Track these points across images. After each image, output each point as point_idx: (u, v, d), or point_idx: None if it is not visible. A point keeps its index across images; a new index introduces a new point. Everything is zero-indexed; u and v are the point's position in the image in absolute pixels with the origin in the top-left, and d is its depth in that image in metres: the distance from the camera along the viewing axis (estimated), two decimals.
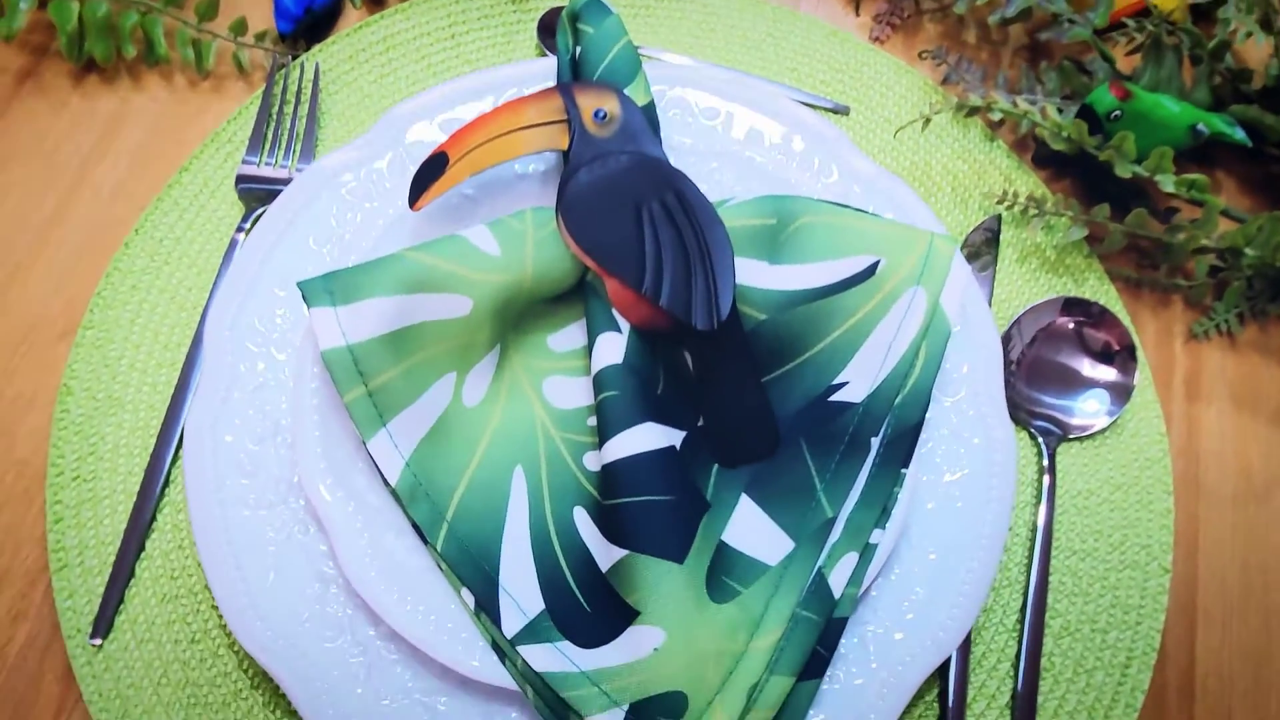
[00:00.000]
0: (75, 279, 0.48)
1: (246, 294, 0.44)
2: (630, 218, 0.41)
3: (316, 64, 0.51)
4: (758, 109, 0.49)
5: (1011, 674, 0.42)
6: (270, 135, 0.50)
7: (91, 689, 0.40)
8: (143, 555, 0.43)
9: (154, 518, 0.43)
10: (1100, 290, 0.50)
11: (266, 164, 0.50)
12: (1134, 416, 0.47)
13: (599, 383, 0.40)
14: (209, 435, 0.41)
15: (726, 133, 0.48)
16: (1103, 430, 0.47)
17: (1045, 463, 0.45)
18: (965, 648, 0.42)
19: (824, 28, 0.56)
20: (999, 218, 0.51)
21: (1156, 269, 0.50)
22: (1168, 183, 0.46)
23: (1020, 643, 0.43)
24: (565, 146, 0.42)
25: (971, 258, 0.50)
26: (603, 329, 0.41)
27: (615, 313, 0.42)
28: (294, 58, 0.52)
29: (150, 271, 0.48)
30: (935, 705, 0.42)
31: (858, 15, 0.57)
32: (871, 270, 0.42)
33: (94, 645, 0.41)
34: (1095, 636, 0.43)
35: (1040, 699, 0.42)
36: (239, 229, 0.48)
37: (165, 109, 0.52)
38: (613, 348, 0.41)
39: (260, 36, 0.52)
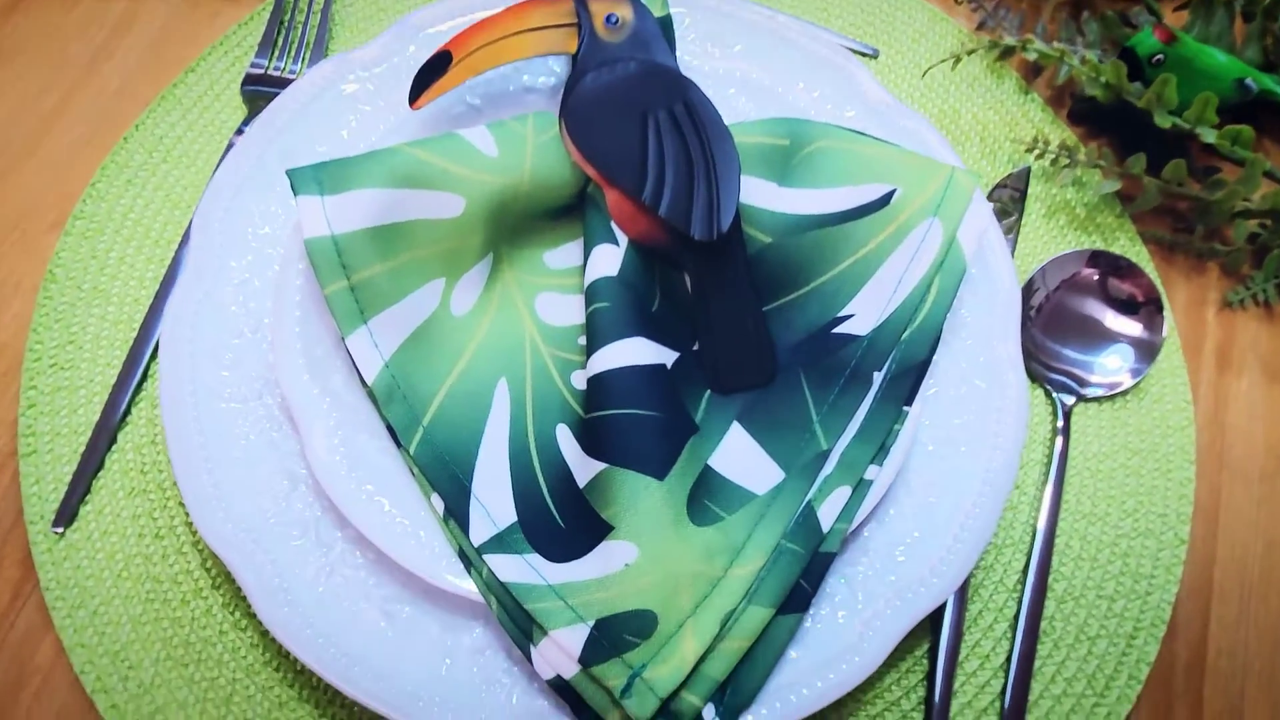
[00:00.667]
0: (72, 172, 0.47)
1: (240, 187, 0.43)
2: (635, 126, 0.39)
3: None
4: (780, 40, 0.47)
5: (1009, 635, 0.40)
6: (281, 39, 0.49)
7: (50, 576, 0.39)
8: (114, 447, 0.42)
9: (129, 411, 0.42)
10: (1131, 251, 0.48)
11: (275, 68, 0.49)
12: (1158, 382, 0.45)
13: (591, 293, 0.39)
14: (189, 325, 0.40)
15: (745, 60, 0.47)
16: (1124, 392, 0.44)
17: (1060, 423, 0.43)
18: (961, 603, 0.40)
19: None
20: (1027, 175, 0.49)
21: (1192, 232, 0.48)
22: (1209, 134, 0.43)
23: (1020, 603, 0.40)
24: (574, 50, 0.41)
25: (999, 210, 0.48)
26: (600, 241, 0.40)
27: (614, 226, 0.40)
28: None
29: (147, 168, 0.47)
30: (924, 661, 0.39)
31: None
32: (886, 199, 0.40)
33: (56, 533, 0.40)
34: (1101, 604, 0.41)
35: (1038, 663, 0.40)
36: (238, 131, 0.47)
37: (178, 10, 0.52)
38: (608, 259, 0.39)
39: None
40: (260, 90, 0.48)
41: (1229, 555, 0.42)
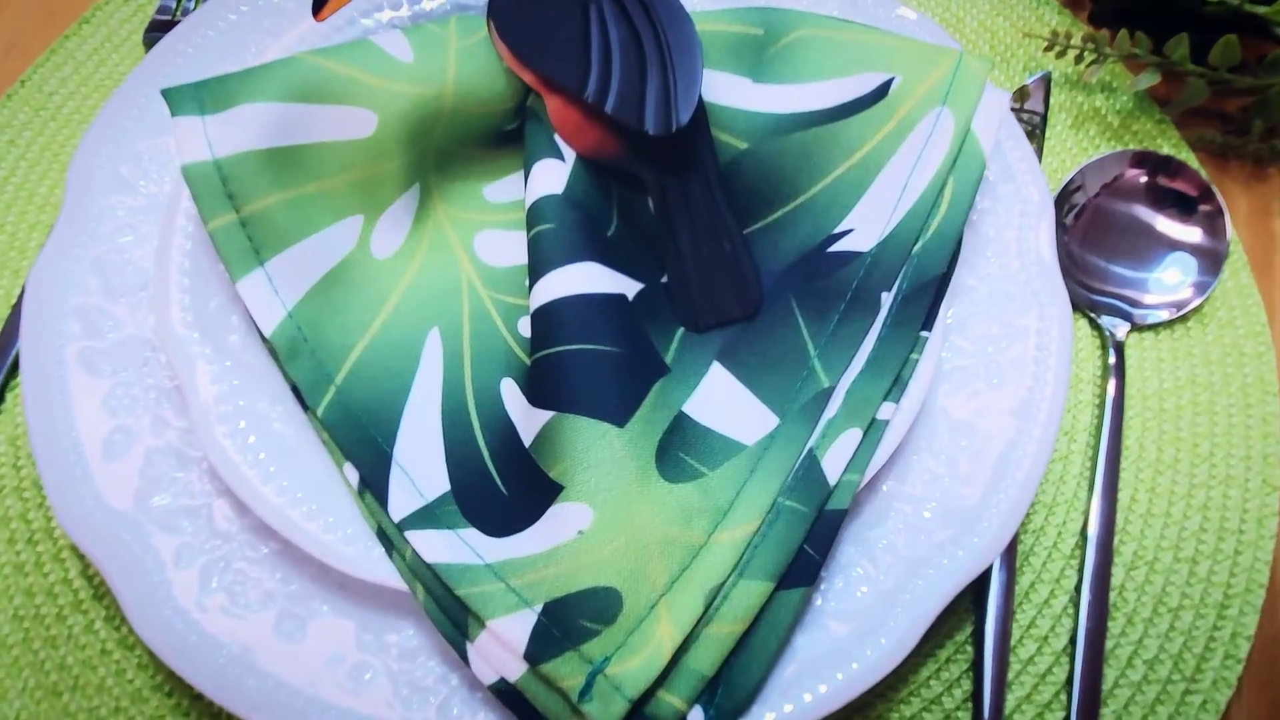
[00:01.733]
0: None
1: (125, 126, 0.36)
2: (575, 17, 0.33)
3: None
4: None
5: (1070, 611, 0.33)
6: None
7: None
8: None
9: (1, 398, 0.36)
10: (1177, 159, 0.41)
11: (183, 12, 0.43)
12: (1224, 303, 0.38)
13: (533, 215, 0.32)
14: (57, 285, 0.34)
15: None
16: (1184, 316, 0.37)
17: (1111, 359, 0.36)
18: (1009, 573, 0.32)
19: None
20: (1048, 81, 0.42)
21: (1247, 132, 0.41)
22: (1261, 9, 0.36)
23: (1082, 572, 0.33)
24: None
25: (1020, 105, 0.41)
26: (541, 156, 0.33)
27: (559, 139, 0.33)
28: None
29: (32, 128, 0.41)
30: (968, 647, 0.32)
31: None
32: (884, 90, 0.34)
33: None
34: (1180, 567, 0.33)
35: (1110, 643, 0.32)
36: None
37: None
38: (552, 176, 0.33)
39: None
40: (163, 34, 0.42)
41: None
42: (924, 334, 0.31)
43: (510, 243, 0.35)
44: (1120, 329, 0.36)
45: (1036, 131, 0.41)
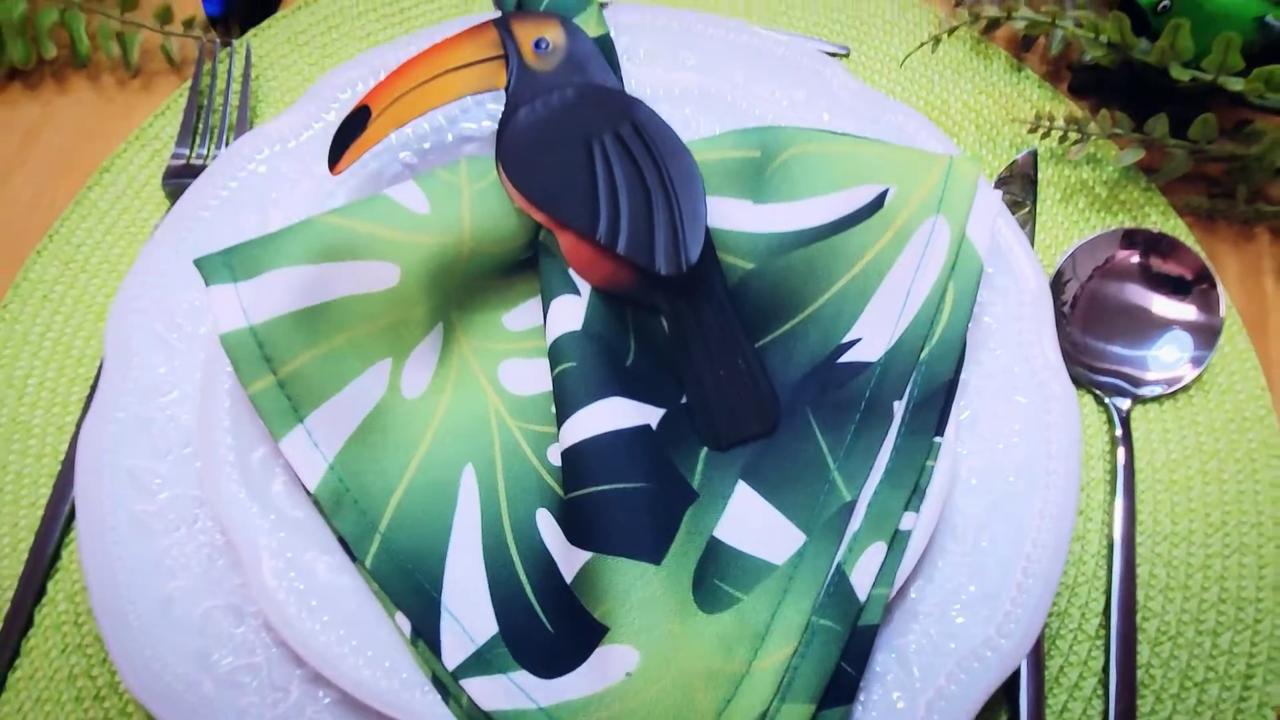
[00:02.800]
0: None
1: (156, 283, 0.38)
2: (580, 157, 0.34)
3: (247, 46, 0.46)
4: (739, 48, 0.43)
5: (1100, 692, 0.34)
6: (200, 124, 0.45)
7: None
8: (43, 599, 0.36)
9: (58, 555, 0.37)
10: (1166, 227, 0.42)
11: (197, 157, 0.45)
12: (1223, 370, 0.39)
13: (555, 354, 0.33)
14: (106, 449, 0.35)
15: (702, 74, 0.42)
16: (1186, 387, 0.38)
17: (1118, 431, 0.37)
18: (1037, 660, 0.33)
19: None
20: (1034, 159, 0.43)
21: (1232, 196, 0.42)
22: (1235, 83, 0.38)
23: (1108, 653, 0.34)
24: (504, 85, 0.36)
25: (1008, 202, 0.43)
26: (558, 292, 0.35)
27: (573, 273, 0.35)
28: (225, 45, 0.48)
29: (64, 280, 0.43)
30: None
31: None
32: (879, 202, 0.35)
33: None
34: (1203, 640, 0.34)
35: None
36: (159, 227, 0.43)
37: (90, 110, 0.48)
38: (570, 312, 0.34)
39: (188, 24, 0.48)
40: (184, 182, 0.44)
41: None
42: (937, 439, 0.33)
43: (533, 370, 0.37)
44: (1124, 404, 0.38)
45: (1028, 207, 0.43)
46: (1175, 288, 0.38)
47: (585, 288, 0.35)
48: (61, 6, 0.47)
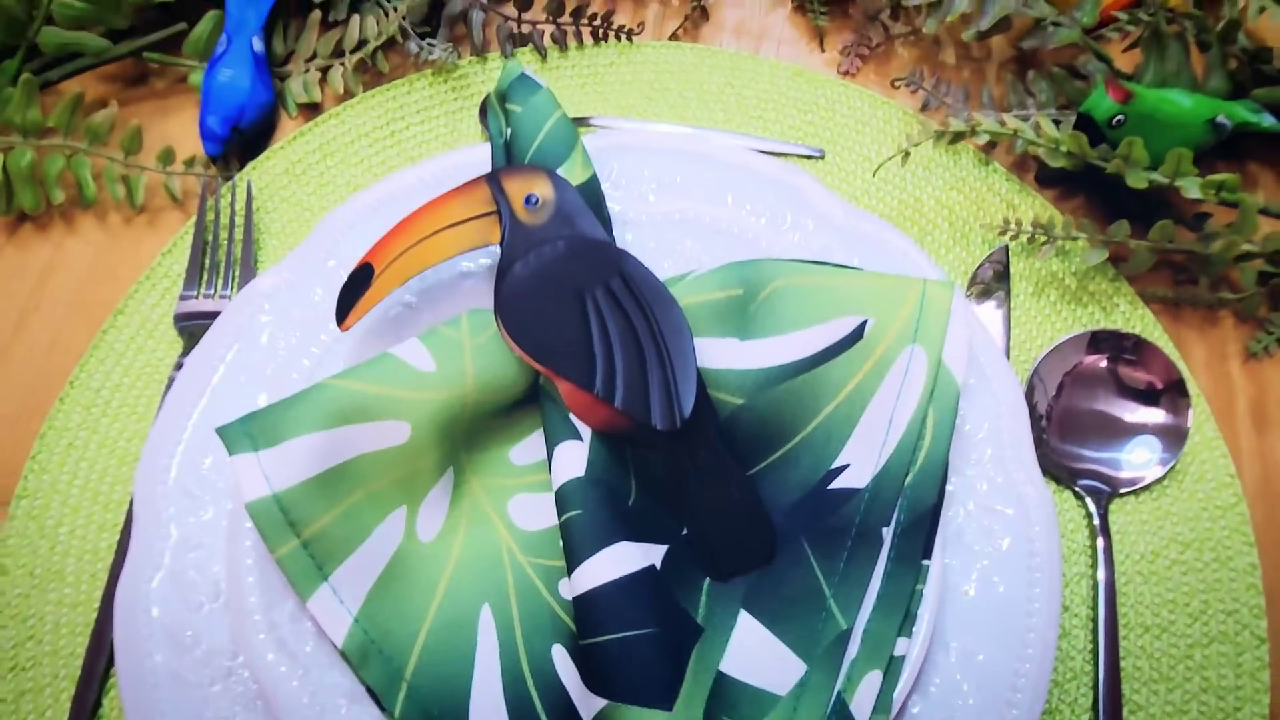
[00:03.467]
0: (10, 444, 0.45)
1: (178, 442, 0.40)
2: (574, 310, 0.36)
3: (248, 183, 0.48)
4: (714, 165, 0.44)
5: None
6: (206, 264, 0.47)
7: None
8: None
9: (99, 703, 0.39)
10: (1133, 316, 0.44)
11: (205, 296, 0.46)
12: (1195, 459, 0.41)
13: (561, 501, 0.35)
14: (140, 607, 0.37)
15: (684, 197, 0.44)
16: (1160, 479, 0.40)
17: (1097, 524, 0.39)
18: None
19: (788, 68, 0.51)
20: (1006, 254, 0.45)
21: (1196, 283, 0.44)
22: (1192, 187, 0.40)
23: None
24: (498, 240, 0.38)
25: (983, 295, 0.45)
26: (560, 438, 0.36)
27: (573, 417, 0.37)
28: (226, 179, 0.49)
29: (87, 427, 0.44)
30: None
31: (823, 50, 0.53)
32: (859, 333, 0.37)
33: None
34: None
35: None
36: (177, 367, 0.45)
37: (100, 250, 0.49)
38: (573, 459, 0.36)
39: (189, 162, 0.49)
40: (195, 322, 0.46)
41: None
42: (925, 563, 0.35)
43: (541, 505, 0.38)
44: (1101, 498, 0.39)
45: (1003, 299, 0.44)
46: (1144, 392, 0.40)
47: (585, 431, 0.36)
48: (67, 153, 0.49)
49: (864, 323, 0.37)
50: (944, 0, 0.48)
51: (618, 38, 0.52)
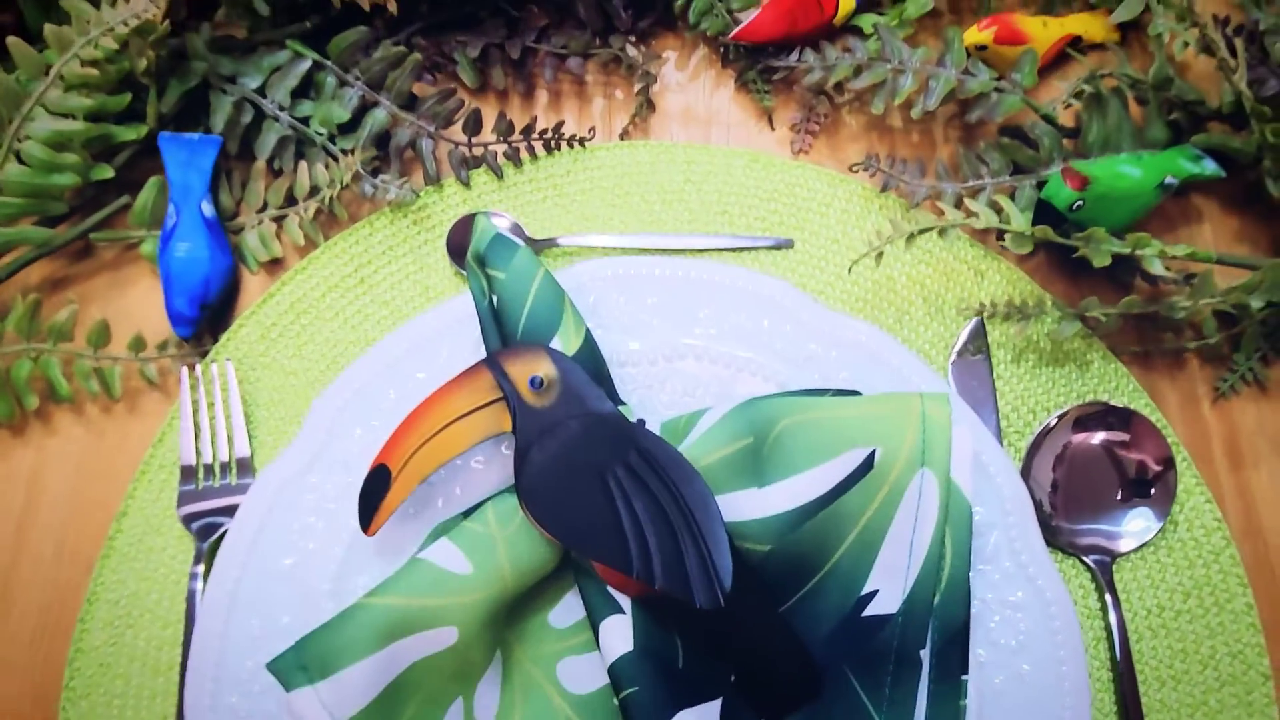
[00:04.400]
0: (41, 667, 0.44)
1: (217, 655, 0.40)
2: (598, 492, 0.37)
3: (229, 365, 0.47)
4: (691, 286, 0.45)
5: None
6: (199, 453, 0.46)
7: None
8: None
9: None
10: (1106, 370, 0.46)
11: (205, 486, 0.46)
12: (1183, 507, 0.43)
13: (615, 678, 0.36)
14: None
15: (668, 327, 0.44)
16: (1156, 537, 0.42)
17: (1106, 591, 0.41)
18: None
19: (742, 155, 0.51)
20: (982, 326, 0.47)
21: (1163, 334, 0.46)
22: (1154, 263, 0.41)
23: None
24: (509, 428, 0.38)
25: (963, 354, 0.46)
26: (603, 614, 0.37)
27: (610, 589, 0.38)
28: (203, 355, 0.48)
29: (114, 643, 0.44)
30: None
31: (773, 129, 0.53)
32: (869, 463, 0.38)
33: None
34: None
35: None
36: (195, 569, 0.44)
37: (85, 447, 0.48)
38: (619, 635, 0.37)
39: (162, 346, 0.48)
40: (201, 522, 0.45)
41: None
42: (964, 678, 0.37)
43: (587, 666, 0.39)
44: (1105, 567, 0.42)
45: (985, 372, 0.46)
46: (1137, 467, 0.42)
47: (624, 600, 0.37)
48: (33, 355, 0.47)
49: (873, 452, 0.38)
50: (888, 81, 0.48)
51: (570, 146, 0.52)
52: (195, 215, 0.49)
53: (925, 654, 0.37)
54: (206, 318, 0.49)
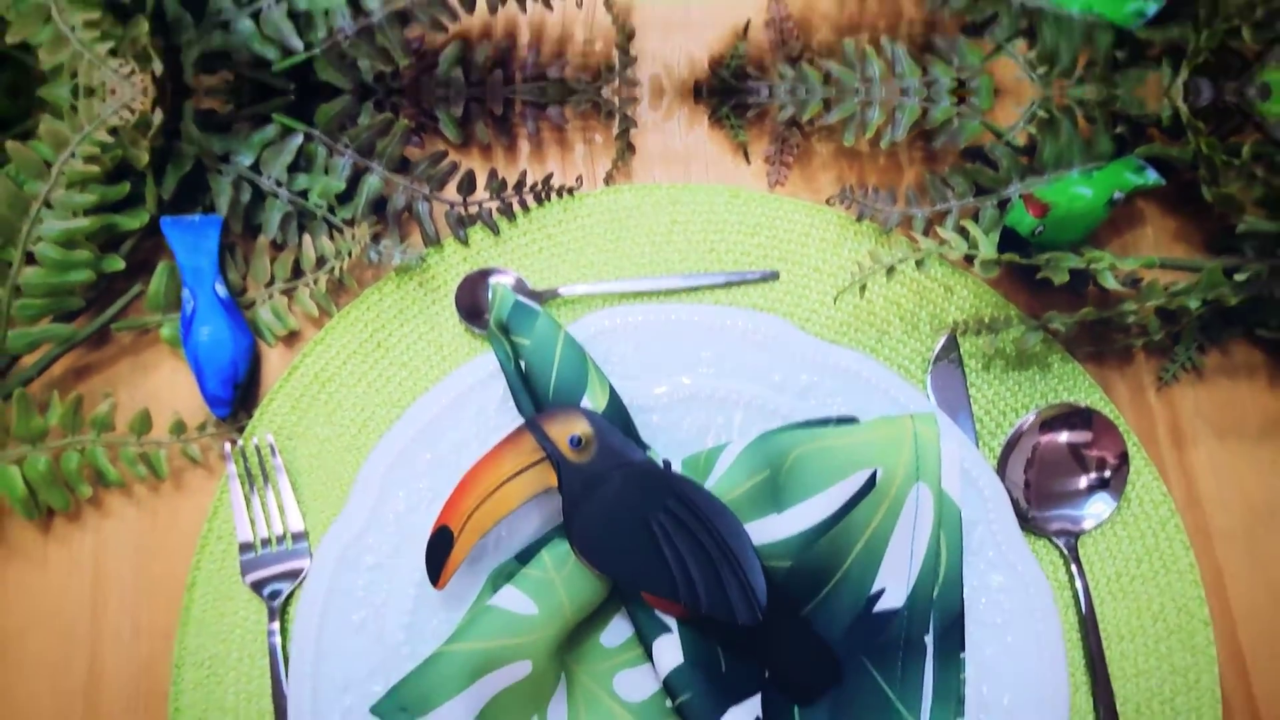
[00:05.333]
0: None
1: (313, 706, 0.52)
2: (644, 537, 0.49)
3: (269, 440, 0.58)
4: (692, 330, 0.57)
5: None
6: (254, 524, 0.57)
7: None
8: None
9: None
10: (1065, 370, 0.59)
11: (264, 553, 0.57)
12: (1135, 486, 0.57)
13: (671, 687, 0.50)
14: None
15: (678, 371, 0.56)
16: (1113, 515, 0.57)
17: (1072, 565, 0.55)
18: None
19: (721, 191, 0.63)
20: (954, 339, 0.60)
21: (1114, 334, 0.59)
22: (1107, 278, 0.55)
23: None
24: (555, 484, 0.50)
25: (939, 364, 0.59)
26: (654, 634, 0.50)
27: (658, 613, 0.50)
28: (240, 429, 0.59)
29: (207, 702, 0.56)
30: None
31: (749, 163, 0.65)
32: (872, 482, 0.51)
33: None
34: (1164, 709, 0.54)
35: None
36: (271, 624, 0.56)
37: (140, 527, 0.59)
38: (671, 651, 0.50)
39: (201, 427, 0.59)
40: (271, 586, 0.56)
41: (1245, 613, 0.56)
42: (962, 655, 0.50)
43: (641, 678, 0.53)
44: (1071, 544, 0.56)
45: (960, 381, 0.59)
46: (1096, 461, 0.56)
47: (672, 623, 0.50)
48: (79, 447, 0.58)
49: (874, 473, 0.51)
50: (857, 114, 0.60)
51: (559, 195, 0.63)
52: (211, 297, 0.60)
53: (929, 639, 0.50)
54: (239, 397, 0.59)
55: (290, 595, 0.57)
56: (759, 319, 0.58)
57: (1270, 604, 0.56)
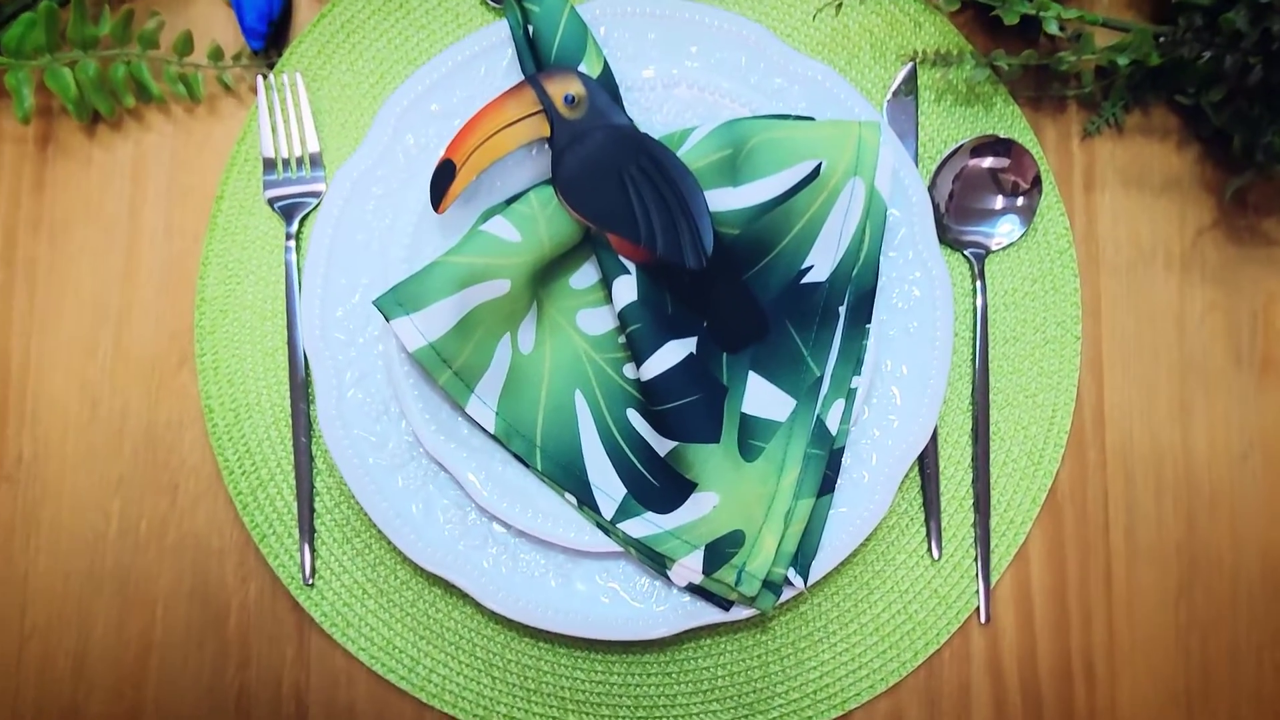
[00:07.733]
0: (170, 314, 0.60)
1: (321, 307, 0.56)
2: (616, 185, 0.52)
3: (298, 78, 0.59)
4: (687, 26, 0.58)
5: (970, 441, 0.59)
6: (278, 150, 0.59)
7: (319, 612, 0.58)
8: (316, 516, 0.58)
9: (313, 488, 0.58)
10: (1006, 111, 0.61)
11: (285, 176, 0.59)
12: (1043, 219, 0.61)
13: (623, 319, 0.54)
14: (339, 425, 0.55)
15: (666, 60, 0.58)
16: (1021, 238, 0.60)
17: (977, 279, 0.59)
18: (934, 444, 0.59)
19: None
20: (914, 71, 0.61)
21: (1053, 82, 0.61)
22: (1051, 25, 0.56)
23: (974, 418, 0.59)
24: (548, 134, 0.52)
25: (897, 94, 0.61)
26: (615, 274, 0.54)
27: (621, 258, 0.54)
28: (270, 66, 0.60)
29: (229, 295, 0.59)
30: (918, 478, 0.59)
31: None
32: (816, 172, 0.54)
33: (309, 585, 0.58)
34: (1027, 401, 0.60)
35: (992, 455, 0.59)
36: (288, 239, 0.59)
37: (175, 142, 0.61)
38: (627, 288, 0.54)
39: (237, 57, 0.60)
40: (284, 203, 0.59)
41: (1111, 334, 0.61)
42: (867, 326, 0.55)
43: (600, 316, 0.57)
44: (980, 258, 0.60)
45: (912, 108, 0.61)
46: (1011, 185, 0.58)
47: (632, 267, 0.54)
48: (126, 59, 0.59)
49: (819, 164, 0.54)
50: None
51: None
52: None
53: (842, 309, 0.54)
54: (272, 33, 0.60)
55: (305, 217, 0.59)
56: (746, 24, 0.58)
57: (1135, 326, 0.61)
